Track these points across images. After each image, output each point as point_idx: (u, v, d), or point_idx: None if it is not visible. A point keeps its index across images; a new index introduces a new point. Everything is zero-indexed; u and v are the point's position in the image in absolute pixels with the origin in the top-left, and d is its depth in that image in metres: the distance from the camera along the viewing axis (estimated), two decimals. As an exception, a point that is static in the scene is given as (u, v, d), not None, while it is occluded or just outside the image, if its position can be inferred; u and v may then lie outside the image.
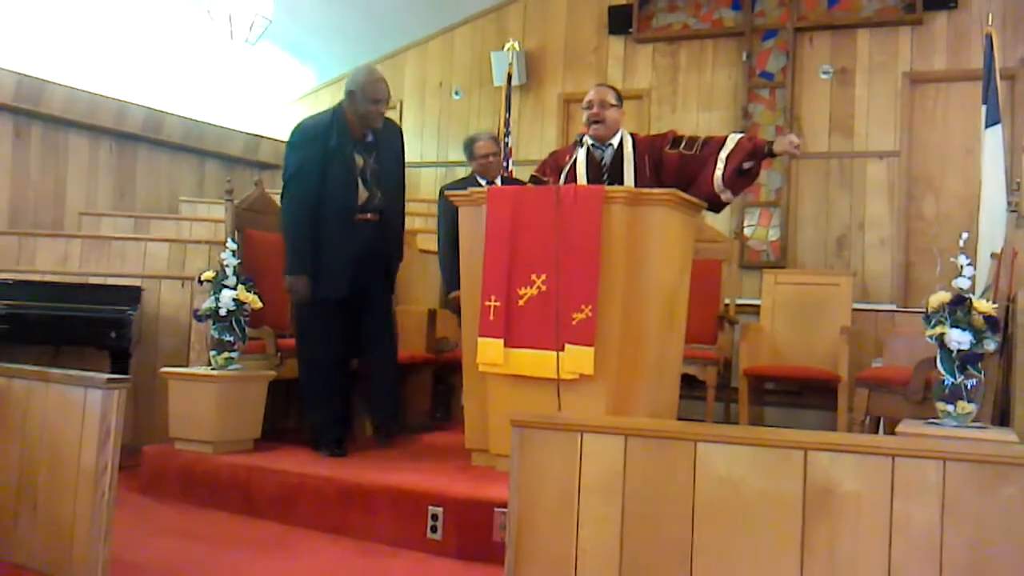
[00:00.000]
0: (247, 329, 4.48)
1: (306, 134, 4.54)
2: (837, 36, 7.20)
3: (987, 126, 5.33)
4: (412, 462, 4.29)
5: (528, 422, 2.47)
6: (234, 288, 4.41)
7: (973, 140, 6.31)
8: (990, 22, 5.51)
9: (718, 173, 4.08)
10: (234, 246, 4.53)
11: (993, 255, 4.45)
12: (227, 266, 4.45)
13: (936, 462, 2.19)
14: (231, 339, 4.42)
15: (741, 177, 4.13)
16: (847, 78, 7.15)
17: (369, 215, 4.51)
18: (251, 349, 4.67)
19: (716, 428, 2.42)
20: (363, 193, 4.49)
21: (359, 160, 4.49)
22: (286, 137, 4.63)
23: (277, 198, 5.60)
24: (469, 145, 5.31)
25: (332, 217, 4.40)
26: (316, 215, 4.39)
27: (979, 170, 5.49)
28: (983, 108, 5.38)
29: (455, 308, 5.15)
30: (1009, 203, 4.42)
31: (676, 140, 4.27)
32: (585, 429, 2.42)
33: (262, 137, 8.49)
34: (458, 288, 5.03)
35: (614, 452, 2.39)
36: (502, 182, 5.18)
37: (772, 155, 4.15)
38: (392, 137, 4.71)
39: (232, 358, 4.43)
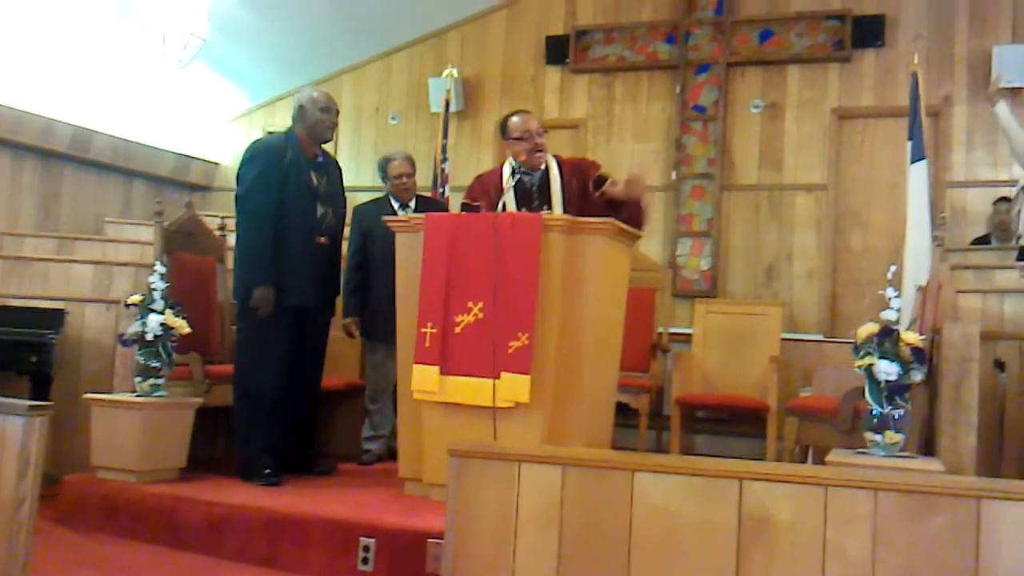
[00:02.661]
0: (174, 355, 4.37)
1: (261, 148, 4.53)
2: (768, 71, 7.37)
3: (912, 162, 5.48)
4: (343, 491, 4.22)
5: (466, 451, 2.45)
6: (162, 312, 4.29)
7: (898, 175, 6.49)
8: (916, 61, 5.68)
9: None
10: (163, 269, 4.42)
11: (919, 288, 4.56)
12: (155, 290, 4.34)
13: (868, 492, 2.23)
14: (157, 365, 4.30)
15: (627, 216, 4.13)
16: (777, 113, 7.32)
17: (323, 239, 4.50)
18: (178, 375, 4.54)
19: (653, 458, 2.42)
20: (319, 211, 4.48)
21: (314, 179, 4.49)
22: (217, 159, 4.56)
23: (208, 220, 5.53)
24: (384, 165, 5.23)
25: (294, 233, 4.38)
26: (277, 228, 4.35)
27: (904, 204, 5.64)
28: (909, 144, 5.53)
29: (349, 334, 5.11)
30: (934, 237, 4.55)
31: (599, 182, 4.25)
32: (523, 459, 2.41)
33: (192, 158, 8.34)
34: (354, 315, 5.05)
35: (552, 482, 2.37)
36: (417, 203, 5.17)
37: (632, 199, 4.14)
38: (336, 169, 4.76)
39: (158, 384, 4.31)
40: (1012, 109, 6.11)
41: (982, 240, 6.62)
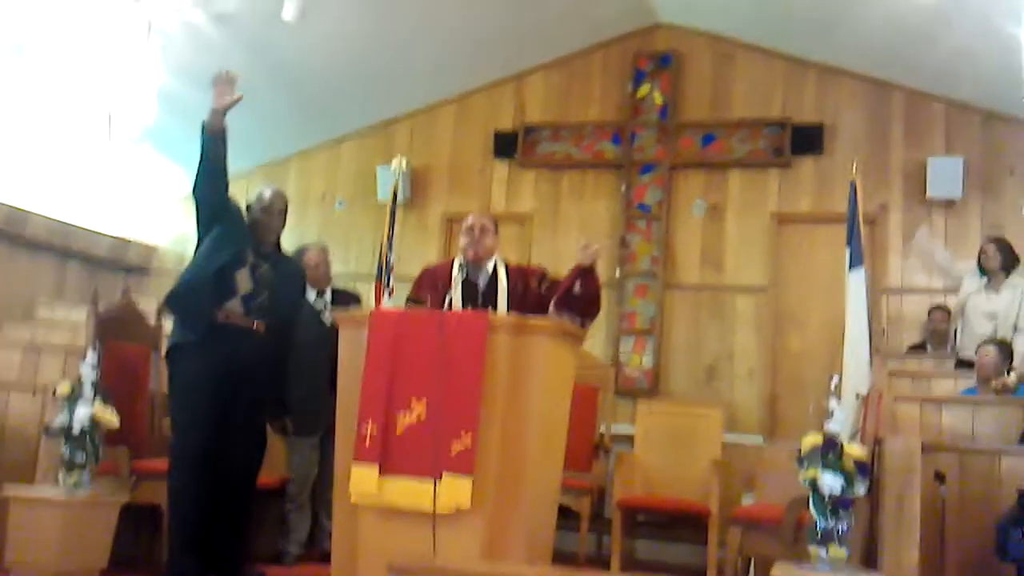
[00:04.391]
0: (101, 448, 4.18)
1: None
2: (710, 174, 7.53)
3: (850, 268, 5.56)
4: (273, 596, 4.04)
5: (406, 568, 2.35)
6: (91, 404, 4.13)
7: (835, 279, 6.58)
8: (855, 170, 5.82)
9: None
10: (94, 359, 4.26)
11: (859, 396, 4.58)
12: (85, 380, 4.17)
13: (818, 619, 2.18)
14: (83, 460, 4.11)
15: (575, 299, 4.18)
16: (718, 214, 7.45)
17: (255, 323, 4.27)
18: (103, 470, 4.35)
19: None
20: (245, 281, 4.26)
21: (250, 255, 4.31)
22: (155, 241, 4.44)
23: (143, 301, 5.40)
24: (300, 254, 5.40)
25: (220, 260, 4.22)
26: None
27: (842, 309, 5.71)
28: (847, 250, 5.62)
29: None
30: (873, 345, 4.59)
31: (542, 279, 4.38)
32: (466, 578, 2.31)
33: (130, 241, 8.19)
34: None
35: (495, 604, 2.28)
36: (333, 294, 5.42)
37: (588, 269, 4.21)
38: (294, 277, 4.63)
39: (82, 480, 4.11)
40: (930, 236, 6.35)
41: (918, 347, 6.74)
